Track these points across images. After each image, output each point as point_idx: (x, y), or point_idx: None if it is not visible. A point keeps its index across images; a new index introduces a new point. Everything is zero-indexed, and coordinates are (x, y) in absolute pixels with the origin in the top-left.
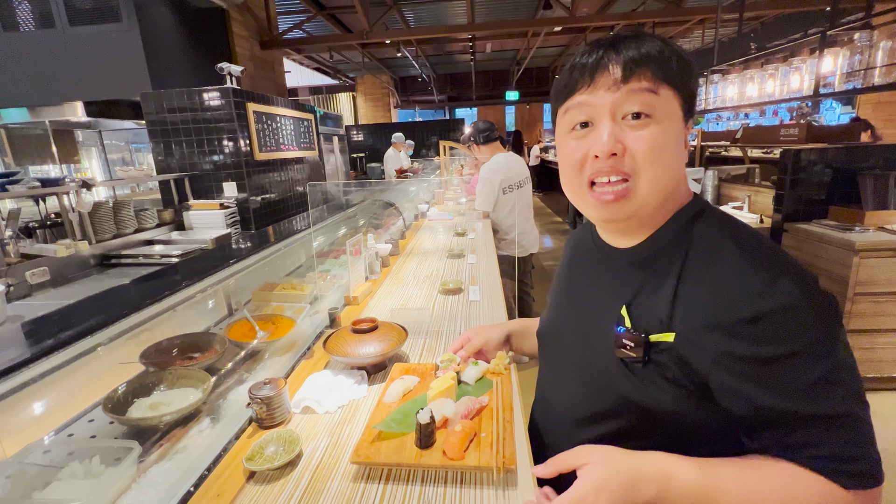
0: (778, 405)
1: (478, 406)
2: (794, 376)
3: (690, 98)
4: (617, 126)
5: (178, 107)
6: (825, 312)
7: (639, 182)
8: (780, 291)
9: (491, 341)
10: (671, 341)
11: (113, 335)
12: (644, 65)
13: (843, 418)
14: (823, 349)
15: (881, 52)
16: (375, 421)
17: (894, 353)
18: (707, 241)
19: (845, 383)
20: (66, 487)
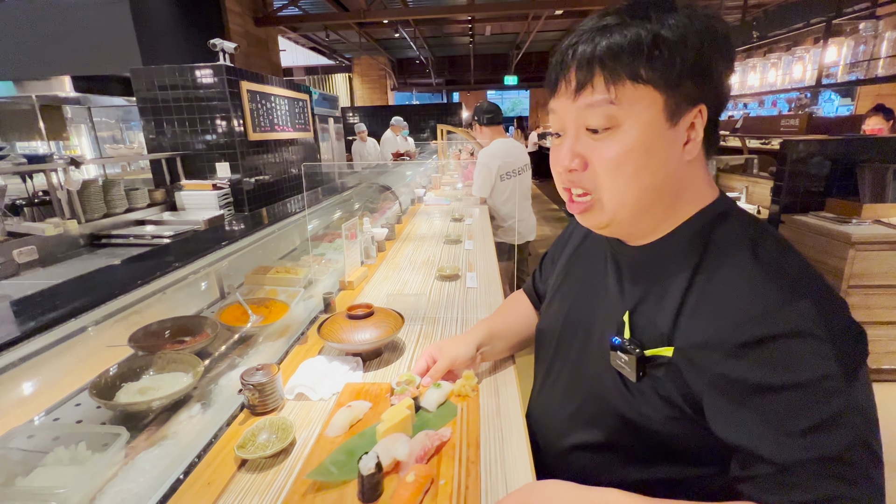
0: (771, 438)
1: (437, 442)
2: (793, 411)
3: (685, 87)
4: (578, 139)
5: (170, 84)
6: (845, 345)
7: (602, 196)
8: (794, 315)
9: (459, 358)
10: (669, 356)
11: (101, 317)
12: (597, 69)
13: (842, 466)
14: (834, 386)
15: (886, 43)
16: (311, 464)
17: (885, 346)
18: (724, 249)
19: (854, 428)
20: (50, 474)
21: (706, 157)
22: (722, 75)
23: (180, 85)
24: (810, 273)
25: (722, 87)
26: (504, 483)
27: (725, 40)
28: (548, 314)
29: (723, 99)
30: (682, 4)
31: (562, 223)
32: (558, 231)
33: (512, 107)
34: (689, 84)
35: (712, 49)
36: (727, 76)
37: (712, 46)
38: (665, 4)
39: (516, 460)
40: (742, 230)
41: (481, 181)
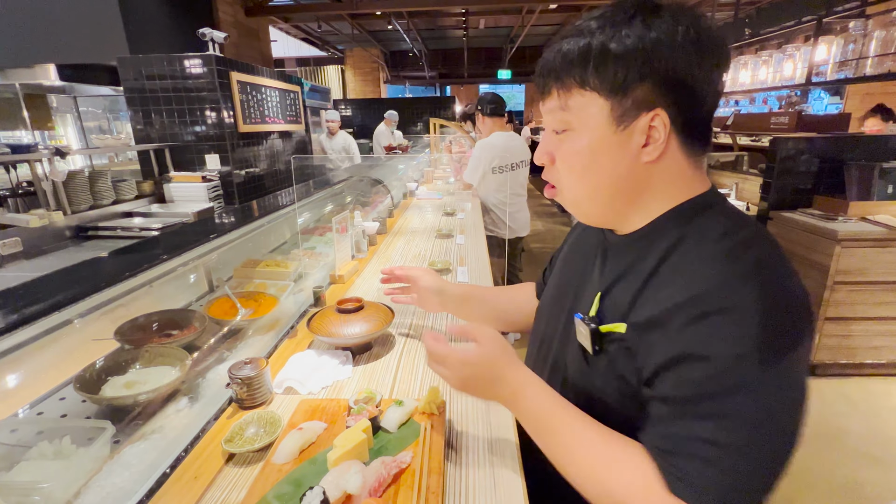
0: (671, 400)
1: (395, 470)
2: (699, 378)
3: (631, 91)
4: (549, 136)
5: (158, 73)
6: (774, 331)
7: (562, 189)
8: (731, 295)
9: (424, 277)
10: (622, 332)
11: (86, 310)
12: (551, 79)
13: (721, 432)
14: (745, 366)
15: (875, 42)
16: (253, 497)
17: (867, 340)
18: (695, 239)
19: (749, 407)
20: (34, 468)
21: (691, 155)
22: (689, 78)
23: (169, 75)
24: (771, 262)
25: (692, 89)
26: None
27: (694, 45)
28: (545, 296)
29: (699, 100)
30: (657, 5)
31: (555, 219)
32: (552, 227)
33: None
34: (639, 91)
35: (669, 56)
36: (701, 77)
37: (669, 54)
38: (635, 10)
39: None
40: (716, 222)
41: (471, 168)
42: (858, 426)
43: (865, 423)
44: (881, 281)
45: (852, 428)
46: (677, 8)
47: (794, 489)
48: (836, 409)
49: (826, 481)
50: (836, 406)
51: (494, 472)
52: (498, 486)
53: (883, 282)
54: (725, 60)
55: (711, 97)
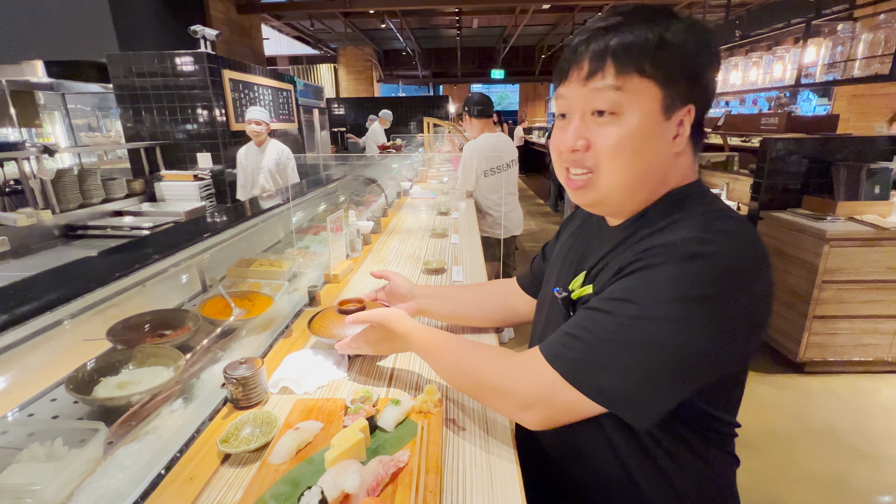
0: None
1: (393, 469)
2: (614, 289)
3: (681, 85)
4: (584, 122)
5: (149, 71)
6: (691, 278)
7: (600, 175)
8: (677, 251)
9: (403, 285)
10: (590, 292)
11: (77, 310)
12: (609, 59)
13: (592, 323)
14: (647, 297)
15: (862, 45)
16: (250, 498)
17: (855, 338)
18: (677, 217)
19: (621, 319)
20: (25, 470)
21: (695, 150)
22: (710, 81)
23: (159, 72)
24: (727, 234)
25: (709, 91)
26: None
27: (716, 52)
28: (546, 286)
29: (708, 102)
30: (682, 15)
31: (547, 217)
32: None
33: (498, 101)
34: (683, 84)
35: (704, 57)
36: (714, 83)
37: (705, 54)
38: (666, 13)
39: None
40: (700, 208)
41: (464, 175)
42: (846, 423)
43: (853, 420)
44: (868, 280)
45: (840, 424)
46: (692, 18)
47: (782, 484)
48: (824, 406)
49: (814, 477)
50: (824, 403)
51: (492, 470)
52: (495, 483)
53: (870, 280)
54: (719, 70)
55: (714, 96)
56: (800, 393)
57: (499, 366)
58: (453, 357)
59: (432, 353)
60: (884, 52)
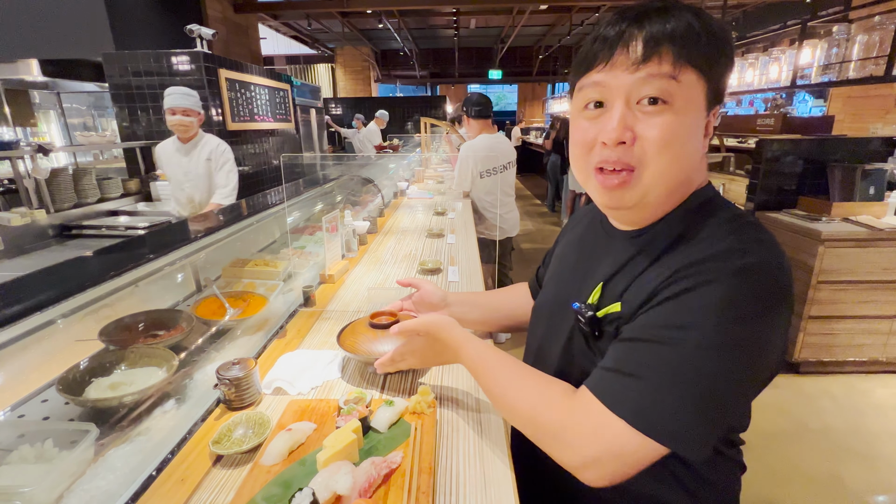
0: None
1: (385, 470)
2: (657, 314)
3: (718, 82)
4: (630, 111)
5: (145, 70)
6: (736, 298)
7: (644, 172)
8: (710, 267)
9: (435, 293)
10: (618, 311)
11: (70, 310)
12: (667, 44)
13: (649, 357)
14: (700, 322)
15: (857, 46)
16: (242, 499)
17: (849, 339)
18: (696, 228)
19: (684, 351)
20: (15, 472)
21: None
22: (726, 73)
23: (155, 71)
24: (754, 243)
25: (724, 91)
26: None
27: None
28: (545, 292)
29: (722, 97)
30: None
31: (544, 218)
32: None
33: (496, 101)
34: (720, 81)
35: (731, 57)
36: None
37: (732, 55)
38: (686, 6)
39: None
40: (716, 214)
41: (460, 176)
42: (841, 422)
43: (847, 420)
44: (863, 280)
45: (835, 424)
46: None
47: (776, 483)
48: (818, 406)
49: (808, 476)
50: (819, 403)
51: (485, 472)
52: (488, 485)
53: (865, 281)
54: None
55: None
56: (795, 393)
57: (557, 412)
58: (508, 389)
59: (485, 376)
60: (879, 53)
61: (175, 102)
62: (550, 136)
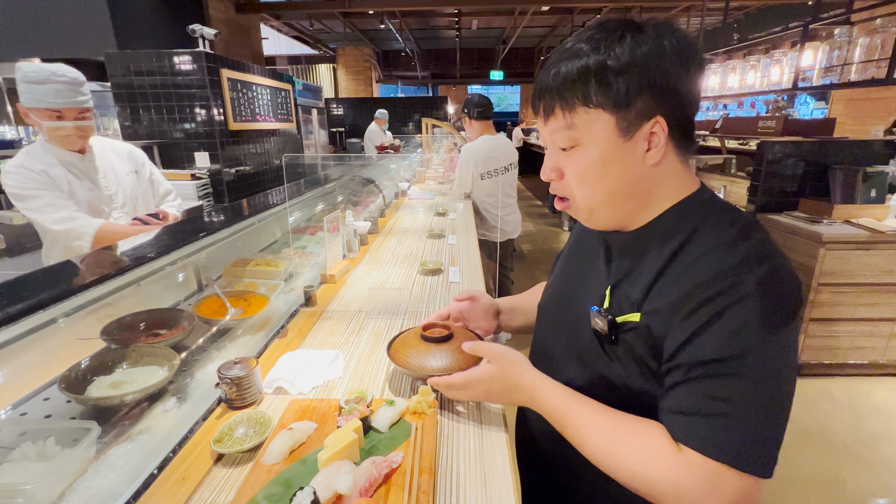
0: (682, 360)
1: (386, 470)
2: (710, 346)
3: (633, 104)
4: (555, 154)
5: (147, 70)
6: (772, 308)
7: (575, 199)
8: (734, 282)
9: (487, 303)
10: (637, 321)
11: (71, 309)
12: (556, 100)
13: (728, 393)
14: (748, 339)
15: (859, 49)
16: (243, 498)
17: (850, 341)
18: (699, 231)
19: (751, 370)
20: (17, 470)
21: (682, 155)
22: (679, 86)
23: (158, 71)
24: (762, 248)
25: (684, 95)
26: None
27: (679, 55)
28: (549, 291)
29: (686, 106)
30: (639, 23)
31: (545, 219)
32: (542, 227)
33: (497, 102)
34: (639, 102)
35: (660, 67)
36: (687, 84)
37: (660, 65)
38: (623, 27)
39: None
40: (713, 218)
41: (460, 177)
42: (841, 425)
43: (848, 422)
44: (864, 283)
45: (835, 426)
46: (657, 24)
47: (776, 485)
48: (819, 408)
49: (809, 478)
50: (819, 405)
51: (485, 471)
52: (489, 484)
53: (866, 283)
54: (702, 65)
55: (696, 100)
56: (795, 395)
57: (662, 470)
58: (602, 445)
59: (572, 428)
60: (880, 56)
61: (51, 99)
62: None
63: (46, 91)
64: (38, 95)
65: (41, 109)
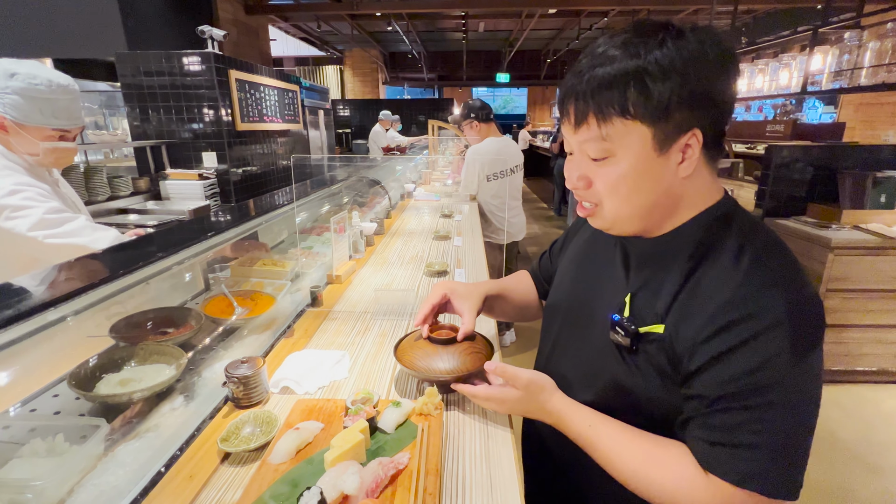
0: (711, 386)
1: (392, 471)
2: (735, 374)
3: (671, 117)
4: (583, 161)
5: (156, 70)
6: (799, 332)
7: (603, 209)
8: (762, 300)
9: (457, 292)
10: (660, 332)
11: (81, 307)
12: (591, 110)
13: (756, 418)
14: (779, 363)
15: (869, 53)
16: (249, 497)
17: (860, 348)
18: (718, 248)
19: (782, 397)
20: (26, 465)
21: (711, 163)
22: (718, 95)
23: (167, 71)
24: (787, 269)
25: (721, 105)
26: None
27: (720, 62)
28: (558, 292)
29: (724, 114)
30: (679, 27)
31: (550, 222)
32: (547, 229)
33: (503, 104)
34: (678, 114)
35: (702, 76)
36: (727, 93)
37: (702, 74)
38: (662, 32)
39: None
40: (738, 231)
41: (466, 179)
42: (850, 433)
43: (857, 430)
44: (873, 289)
45: (844, 435)
46: (698, 28)
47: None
48: (828, 416)
49: (816, 486)
50: (828, 412)
51: (491, 473)
52: (495, 487)
53: (875, 290)
54: (738, 70)
55: (732, 109)
56: None
57: (684, 496)
58: (631, 471)
59: (599, 451)
60: (891, 60)
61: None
62: (558, 139)
63: (57, 109)
64: (45, 113)
65: (42, 129)
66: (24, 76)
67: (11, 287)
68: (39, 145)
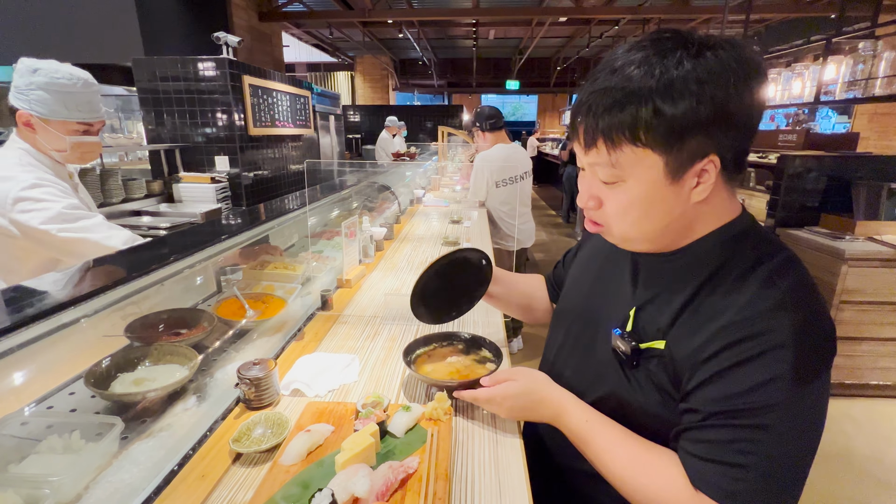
0: (710, 401)
1: (402, 475)
2: (733, 393)
3: (685, 146)
4: (594, 181)
5: (172, 75)
6: (805, 357)
7: (612, 230)
8: (769, 321)
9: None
10: (661, 349)
11: (97, 307)
12: (600, 136)
13: (748, 438)
14: (780, 387)
15: (884, 63)
16: (261, 497)
17: (872, 361)
18: (734, 263)
19: (778, 422)
20: (43, 461)
21: (730, 182)
22: (740, 117)
23: (182, 77)
24: (798, 291)
25: (741, 128)
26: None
27: (743, 80)
28: (566, 299)
29: (746, 134)
30: (700, 41)
31: (559, 229)
32: (556, 236)
33: (513, 111)
34: (693, 142)
35: (721, 99)
36: (749, 114)
37: (720, 96)
38: (678, 47)
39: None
40: (752, 250)
41: (475, 185)
42: (863, 448)
43: (870, 445)
44: (888, 301)
45: (857, 449)
46: (719, 44)
47: None
48: (840, 430)
49: (829, 501)
50: (840, 426)
51: (500, 479)
52: (504, 492)
53: (889, 302)
54: (765, 79)
55: (755, 129)
56: None
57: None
58: (621, 471)
59: (592, 448)
60: None
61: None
62: (567, 146)
63: (80, 102)
64: (69, 106)
65: (67, 122)
66: (46, 71)
67: (31, 288)
68: (66, 140)
